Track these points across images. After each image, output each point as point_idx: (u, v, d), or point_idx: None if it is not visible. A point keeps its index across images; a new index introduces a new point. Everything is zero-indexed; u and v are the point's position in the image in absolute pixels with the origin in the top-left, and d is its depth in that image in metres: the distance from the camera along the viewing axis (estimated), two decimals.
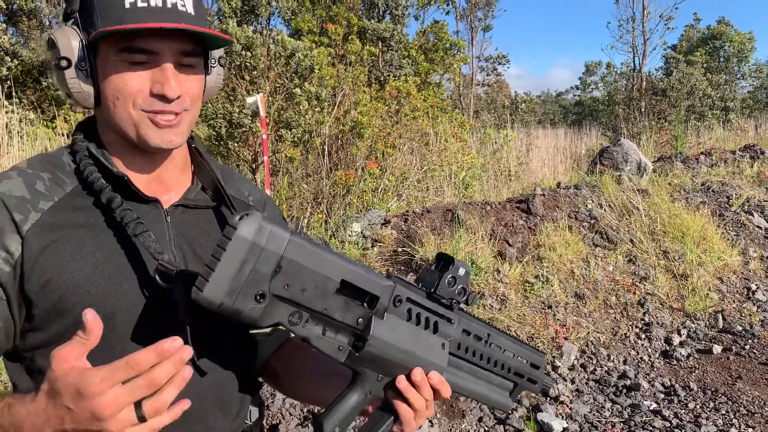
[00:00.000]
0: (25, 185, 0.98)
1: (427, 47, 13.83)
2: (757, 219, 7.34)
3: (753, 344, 5.00)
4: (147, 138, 1.00)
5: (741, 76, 28.94)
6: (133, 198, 1.03)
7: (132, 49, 0.96)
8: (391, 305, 0.97)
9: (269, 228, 0.83)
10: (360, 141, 7.17)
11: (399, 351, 0.98)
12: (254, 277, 0.83)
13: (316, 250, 0.88)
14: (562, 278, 5.37)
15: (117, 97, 0.98)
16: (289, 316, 0.89)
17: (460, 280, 1.04)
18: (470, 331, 1.10)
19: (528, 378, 1.21)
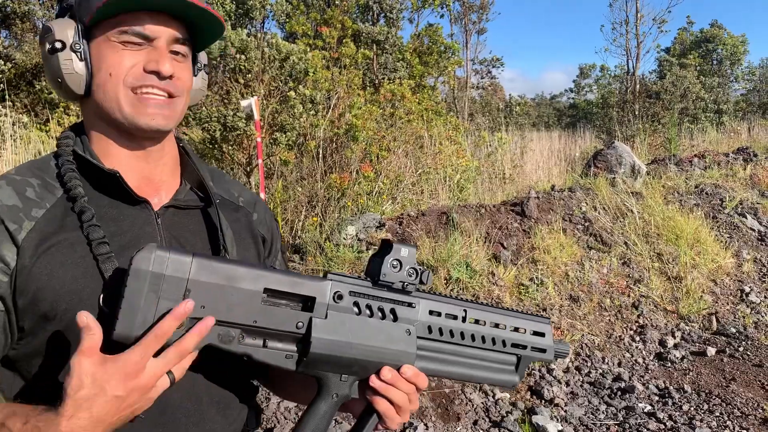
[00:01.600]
0: (16, 193, 0.97)
1: (421, 50, 13.84)
2: (750, 221, 7.37)
3: (747, 346, 5.02)
4: (135, 117, 1.00)
5: (734, 78, 29.05)
6: (124, 198, 1.03)
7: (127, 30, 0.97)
8: (332, 302, 0.95)
9: (167, 255, 0.83)
10: (354, 144, 7.16)
11: (352, 347, 0.96)
12: (163, 307, 0.83)
13: (226, 266, 0.88)
14: (557, 281, 5.38)
15: (110, 74, 0.98)
16: (218, 335, 0.88)
17: (406, 261, 0.99)
18: (440, 311, 1.04)
19: (532, 348, 1.12)
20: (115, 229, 1.01)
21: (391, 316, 1.00)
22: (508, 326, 1.10)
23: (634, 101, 19.07)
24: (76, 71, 0.99)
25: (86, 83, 1.01)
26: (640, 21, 22.13)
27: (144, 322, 0.83)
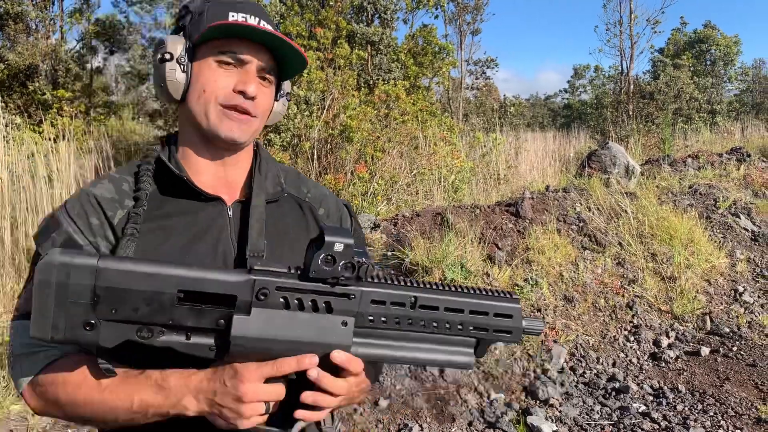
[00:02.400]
0: (114, 188, 1.18)
1: (416, 51, 13.85)
2: (743, 221, 7.40)
3: (740, 346, 5.04)
4: (217, 128, 1.18)
5: (727, 79, 29.17)
6: (200, 197, 1.20)
7: (227, 52, 1.17)
8: (255, 299, 0.94)
9: (70, 261, 0.86)
10: (349, 145, 7.16)
11: (278, 342, 0.96)
12: (73, 311, 0.86)
13: (134, 269, 0.89)
14: (551, 281, 5.39)
15: (204, 89, 1.17)
16: (136, 332, 0.91)
17: (341, 256, 0.95)
18: (384, 300, 1.01)
19: (495, 330, 1.08)
20: (191, 220, 1.19)
21: (324, 308, 0.98)
22: (467, 310, 1.05)
23: (628, 102, 19.12)
24: (176, 79, 1.17)
25: (183, 91, 1.19)
26: (633, 22, 22.20)
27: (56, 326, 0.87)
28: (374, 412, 3.70)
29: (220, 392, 0.96)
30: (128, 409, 1.00)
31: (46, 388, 1.05)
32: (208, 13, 1.19)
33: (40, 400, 1.07)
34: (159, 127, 9.84)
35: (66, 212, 1.13)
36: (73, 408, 1.04)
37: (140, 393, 0.99)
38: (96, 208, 1.15)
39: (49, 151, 5.76)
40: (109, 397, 1.01)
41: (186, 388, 0.98)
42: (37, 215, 4.84)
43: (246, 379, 0.95)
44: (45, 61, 11.47)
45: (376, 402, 3.78)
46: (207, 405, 0.97)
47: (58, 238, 1.10)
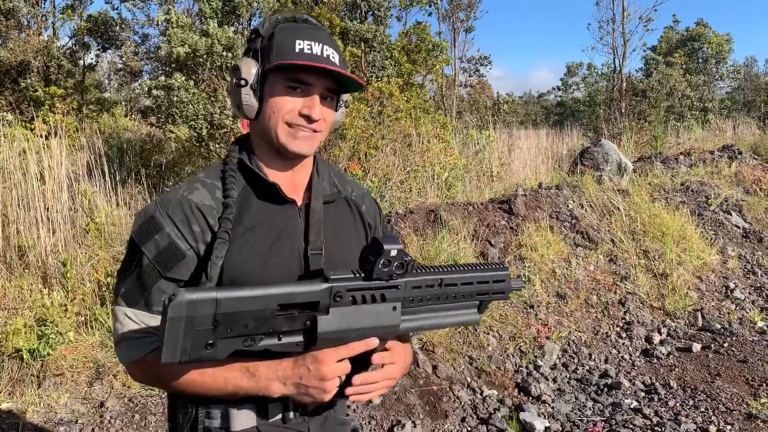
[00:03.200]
0: (210, 195, 1.33)
1: (409, 48, 13.82)
2: (735, 218, 7.44)
3: (731, 342, 5.07)
4: (287, 144, 1.34)
5: (719, 77, 29.28)
6: (278, 200, 1.37)
7: (295, 79, 1.31)
8: (332, 302, 1.16)
9: (196, 297, 1.04)
10: (342, 142, 7.15)
11: (351, 331, 1.20)
12: (198, 336, 1.05)
13: (245, 294, 1.08)
14: (544, 278, 5.40)
15: (274, 111, 1.33)
16: (243, 342, 1.11)
17: (395, 259, 1.19)
18: (420, 285, 1.26)
19: (493, 292, 1.37)
20: (275, 221, 1.36)
21: (380, 299, 1.22)
22: (475, 282, 1.34)
23: (620, 99, 19.16)
24: (251, 104, 1.34)
25: (256, 111, 1.35)
26: (626, 19, 22.24)
27: (184, 350, 1.05)
28: (367, 409, 3.71)
29: (305, 376, 1.20)
30: (222, 389, 1.23)
31: (151, 368, 1.26)
32: (276, 39, 1.33)
33: (144, 375, 1.30)
34: (151, 124, 9.80)
35: (168, 217, 1.29)
36: (174, 385, 1.24)
37: (234, 379, 1.22)
38: (198, 216, 1.31)
39: (40, 148, 5.73)
40: (208, 380, 1.22)
41: (274, 375, 1.21)
42: (28, 212, 4.81)
43: (326, 362, 1.19)
44: (37, 57, 11.39)
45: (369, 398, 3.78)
46: (293, 387, 1.21)
47: (160, 241, 1.28)
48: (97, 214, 5.02)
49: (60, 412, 3.50)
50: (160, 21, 8.72)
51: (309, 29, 1.35)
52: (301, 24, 1.37)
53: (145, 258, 1.28)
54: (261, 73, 1.34)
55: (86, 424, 3.43)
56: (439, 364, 4.19)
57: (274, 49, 1.32)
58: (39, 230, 4.69)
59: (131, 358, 1.28)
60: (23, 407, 3.48)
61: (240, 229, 1.33)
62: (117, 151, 8.56)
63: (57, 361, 3.75)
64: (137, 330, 1.27)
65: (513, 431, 3.68)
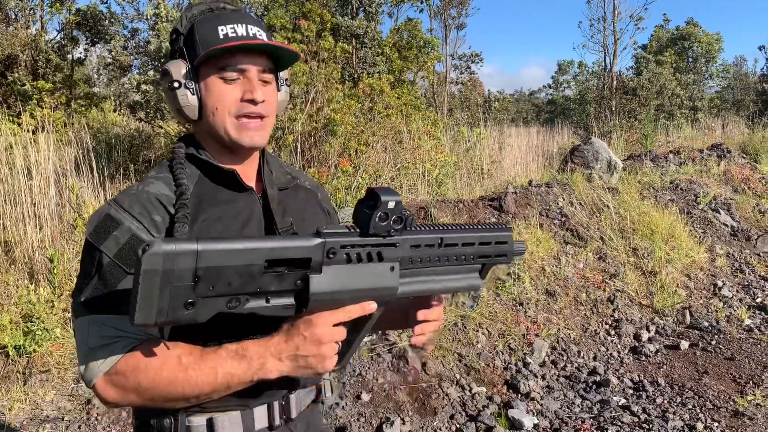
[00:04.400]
0: (167, 187, 1.27)
1: (401, 45, 13.80)
2: (723, 217, 7.48)
3: (719, 340, 5.10)
4: (240, 139, 1.30)
5: (709, 76, 29.47)
6: (236, 188, 1.33)
7: (226, 67, 1.27)
8: (325, 259, 1.07)
9: (174, 248, 0.93)
10: (333, 138, 7.13)
11: (346, 292, 1.10)
12: (176, 293, 0.94)
13: (229, 247, 0.98)
14: (533, 275, 5.41)
15: (216, 107, 1.28)
16: (227, 303, 1.00)
17: (392, 212, 1.11)
18: (419, 244, 1.18)
19: (496, 255, 1.31)
20: (236, 209, 1.32)
21: (377, 258, 1.13)
22: (477, 242, 1.26)
23: (611, 97, 19.23)
24: (190, 103, 1.29)
25: (198, 110, 1.30)
26: (617, 18, 22.32)
27: (160, 310, 0.94)
28: (356, 406, 3.70)
29: (300, 344, 1.09)
30: (212, 383, 1.10)
31: (126, 376, 1.12)
32: (198, 31, 1.29)
33: (118, 389, 1.13)
34: (140, 119, 9.74)
35: (125, 211, 1.21)
36: (155, 391, 1.11)
37: (223, 366, 1.10)
38: (157, 206, 1.24)
39: (28, 142, 5.67)
40: (193, 374, 1.10)
41: (266, 352, 1.10)
42: (14, 208, 4.76)
43: (320, 324, 1.09)
44: (25, 51, 11.28)
45: (359, 396, 3.78)
46: (290, 360, 1.10)
47: (120, 236, 1.19)
48: (84, 210, 4.98)
49: (46, 409, 3.47)
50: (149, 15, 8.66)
51: (228, 14, 1.31)
52: (219, 11, 1.32)
53: (106, 257, 1.17)
54: (192, 70, 1.29)
55: (73, 421, 3.40)
56: (428, 361, 4.19)
57: (198, 42, 1.28)
58: (26, 226, 4.64)
59: (103, 369, 1.12)
60: (9, 404, 3.45)
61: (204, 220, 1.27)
62: (105, 146, 8.50)
63: (43, 357, 3.72)
64: (106, 336, 1.13)
65: (502, 428, 3.69)
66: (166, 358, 1.12)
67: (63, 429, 3.34)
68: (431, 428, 3.66)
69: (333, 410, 3.64)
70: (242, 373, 1.10)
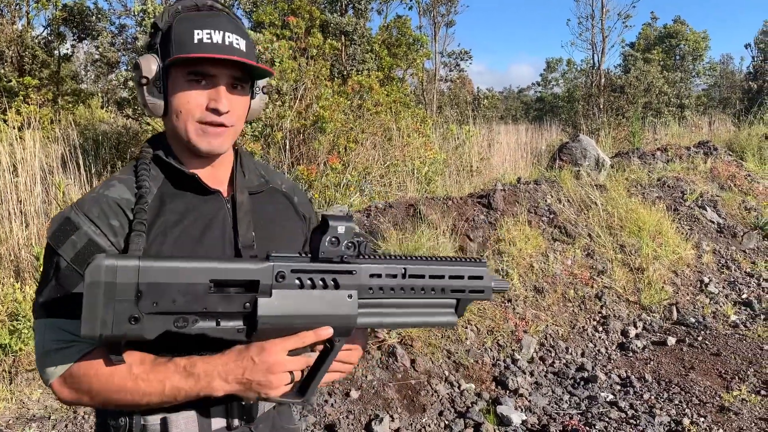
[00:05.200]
0: (128, 190, 1.26)
1: (390, 42, 13.81)
2: (710, 214, 7.54)
3: (705, 335, 5.14)
4: (198, 144, 1.28)
5: (696, 74, 29.65)
6: (201, 191, 1.32)
7: (196, 72, 1.25)
8: (275, 282, 1.07)
9: (116, 264, 0.97)
10: (322, 135, 7.12)
11: (297, 318, 1.09)
12: (120, 308, 0.97)
13: (172, 265, 1.01)
14: (522, 272, 5.43)
15: (180, 110, 1.27)
16: (174, 322, 1.02)
17: (343, 237, 1.10)
18: (380, 273, 1.16)
19: (471, 290, 1.25)
20: (199, 213, 1.30)
21: (332, 285, 1.12)
22: (447, 275, 1.22)
23: (599, 95, 19.32)
24: (156, 102, 1.28)
25: (164, 108, 1.29)
26: (605, 16, 22.40)
27: (104, 323, 0.96)
28: (345, 403, 3.70)
29: (248, 369, 1.09)
30: (160, 394, 1.12)
31: (79, 379, 1.14)
32: (175, 31, 1.27)
33: (72, 390, 1.16)
34: (127, 116, 9.67)
35: (84, 215, 1.21)
36: (106, 395, 1.13)
37: (171, 380, 1.11)
38: (116, 210, 1.23)
39: (14, 139, 5.63)
40: (142, 385, 1.11)
41: (214, 371, 1.10)
42: (0, 205, 4.72)
43: (272, 352, 1.08)
44: (10, 47, 11.18)
45: (347, 393, 3.78)
46: (236, 383, 1.10)
47: (78, 240, 1.19)
48: None
49: (32, 408, 3.45)
50: (136, 11, 8.60)
51: (209, 17, 1.28)
52: (203, 12, 1.30)
53: (63, 261, 1.18)
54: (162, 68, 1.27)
55: (59, 420, 3.38)
56: (417, 358, 4.19)
57: (173, 43, 1.26)
58: (12, 223, 4.60)
59: (57, 372, 1.16)
60: None
61: (163, 223, 1.26)
62: (92, 143, 8.45)
63: (29, 356, 3.69)
64: (61, 340, 1.16)
65: (490, 424, 3.70)
66: (117, 367, 1.13)
67: (50, 428, 3.32)
68: (420, 425, 3.67)
69: (322, 408, 3.64)
70: (189, 389, 1.11)
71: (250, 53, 1.31)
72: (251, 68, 1.30)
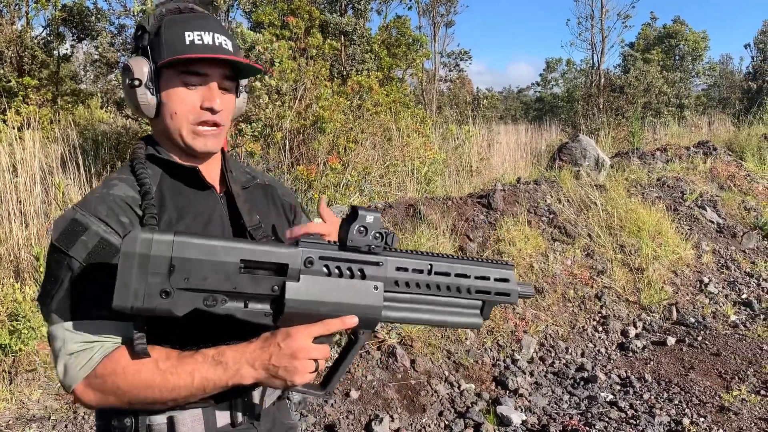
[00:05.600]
0: (131, 188, 1.27)
1: (389, 42, 13.80)
2: (709, 214, 7.54)
3: (705, 335, 5.14)
4: (193, 145, 1.32)
5: (695, 74, 29.67)
6: (197, 186, 1.35)
7: (189, 72, 1.28)
8: (303, 267, 1.08)
9: (151, 237, 0.99)
10: (322, 136, 7.12)
11: (323, 304, 1.10)
12: (152, 280, 0.99)
13: (205, 242, 1.02)
14: (522, 272, 5.43)
15: (176, 111, 1.29)
16: (203, 300, 1.04)
17: (371, 226, 1.11)
18: (407, 267, 1.16)
19: (496, 293, 1.24)
20: (198, 208, 1.33)
21: (359, 275, 1.13)
22: (473, 275, 1.21)
23: (598, 95, 19.32)
24: (149, 103, 1.30)
25: (155, 110, 1.31)
26: (604, 16, 22.41)
27: (136, 295, 0.99)
28: (345, 403, 3.70)
29: (275, 354, 1.10)
30: (189, 386, 1.12)
31: (105, 379, 1.14)
32: (164, 33, 1.28)
33: (98, 392, 1.15)
34: (127, 116, 9.67)
35: (91, 215, 1.21)
36: (134, 393, 1.13)
37: (200, 370, 1.12)
38: (124, 207, 1.24)
39: (13, 139, 5.62)
40: (171, 378, 1.12)
41: (242, 358, 1.11)
42: (0, 206, 4.72)
43: (298, 338, 1.10)
44: (10, 47, 11.17)
45: (347, 393, 3.77)
46: (264, 370, 1.11)
47: (89, 240, 1.19)
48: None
49: (32, 409, 3.44)
50: (136, 12, 8.60)
51: (197, 19, 1.32)
52: (188, 14, 1.33)
53: (75, 262, 1.17)
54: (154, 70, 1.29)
55: (59, 420, 3.38)
56: (417, 358, 4.19)
57: (163, 44, 1.28)
58: (11, 224, 4.60)
59: (81, 375, 1.14)
60: None
61: (168, 218, 1.29)
62: (92, 144, 8.44)
63: (29, 356, 3.69)
64: (83, 341, 1.15)
65: (490, 425, 3.70)
66: (144, 362, 1.13)
67: (50, 428, 3.32)
68: (420, 425, 3.67)
69: (321, 408, 3.64)
70: (218, 378, 1.12)
71: (237, 53, 1.35)
72: (238, 67, 1.34)
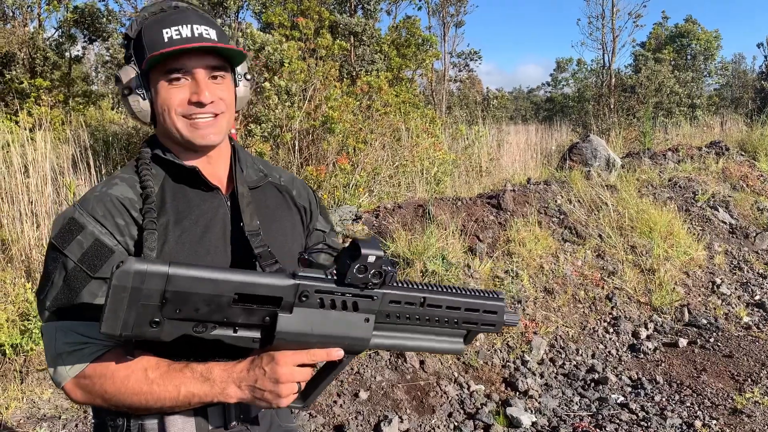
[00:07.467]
0: (130, 189, 1.27)
1: (399, 42, 13.80)
2: (721, 214, 7.48)
3: (717, 337, 5.10)
4: (191, 138, 1.30)
5: (707, 73, 29.47)
6: (201, 187, 1.33)
7: (173, 70, 1.26)
8: (297, 300, 1.09)
9: (145, 269, 0.97)
10: (331, 136, 7.12)
11: (313, 336, 1.12)
12: (143, 311, 0.99)
13: (200, 275, 1.01)
14: (532, 273, 5.41)
15: (164, 109, 1.28)
16: (193, 327, 1.04)
17: (372, 266, 1.10)
18: (400, 300, 1.17)
19: (482, 324, 1.27)
20: (200, 211, 1.31)
21: (352, 307, 1.13)
22: (463, 308, 1.23)
23: (609, 95, 19.22)
24: (143, 108, 1.30)
25: (151, 114, 1.31)
26: (615, 15, 22.30)
27: (126, 324, 0.98)
28: (354, 404, 3.70)
29: (260, 378, 1.12)
30: (174, 399, 1.14)
31: (92, 381, 1.16)
32: (145, 36, 1.28)
33: (85, 392, 1.18)
34: None
35: (89, 214, 1.22)
36: (120, 398, 1.15)
37: (186, 385, 1.14)
38: (120, 209, 1.24)
39: (25, 140, 5.65)
40: (157, 389, 1.13)
41: (229, 378, 1.13)
42: (11, 206, 4.75)
43: (282, 363, 1.11)
44: (22, 49, 11.26)
45: (357, 394, 3.77)
46: (249, 391, 1.13)
47: (84, 240, 1.19)
48: None
49: (43, 408, 3.46)
50: None
51: (175, 14, 1.30)
52: (169, 11, 1.31)
53: (70, 261, 1.18)
54: (142, 75, 1.29)
55: (70, 419, 3.40)
56: (426, 359, 4.18)
57: (145, 48, 1.27)
58: (23, 224, 4.63)
59: (71, 374, 1.17)
60: (6, 403, 3.44)
61: (166, 221, 1.27)
62: (103, 144, 8.49)
63: (40, 356, 3.71)
64: (74, 342, 1.16)
65: (500, 426, 3.68)
66: (133, 370, 1.15)
67: (60, 427, 3.33)
68: (429, 426, 3.66)
69: (331, 409, 3.63)
70: (204, 394, 1.14)
71: (223, 40, 1.31)
72: (229, 55, 1.32)
